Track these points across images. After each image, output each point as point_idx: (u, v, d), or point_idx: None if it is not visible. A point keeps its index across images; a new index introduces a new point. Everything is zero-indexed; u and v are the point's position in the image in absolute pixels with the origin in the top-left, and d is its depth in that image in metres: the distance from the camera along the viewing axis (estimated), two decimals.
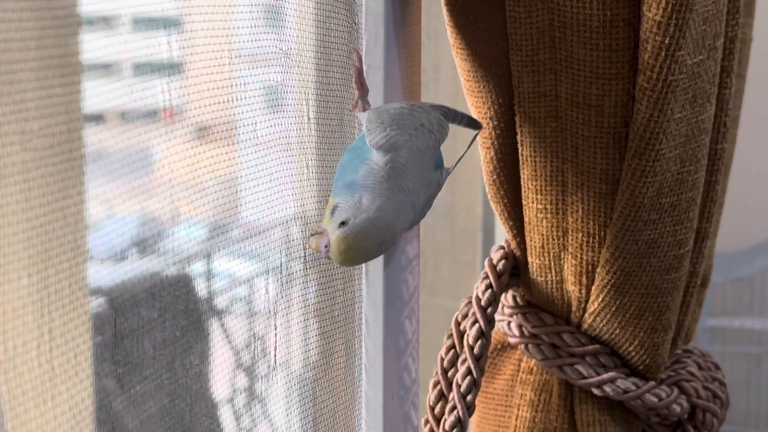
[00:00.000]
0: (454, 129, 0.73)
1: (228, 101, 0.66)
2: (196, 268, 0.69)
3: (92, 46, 0.58)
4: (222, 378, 0.76)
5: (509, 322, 0.87)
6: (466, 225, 1.38)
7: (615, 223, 0.77)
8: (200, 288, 0.71)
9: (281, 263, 0.73)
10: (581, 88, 0.74)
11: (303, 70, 0.68)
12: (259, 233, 0.72)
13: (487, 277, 0.83)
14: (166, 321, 0.65)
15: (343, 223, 0.60)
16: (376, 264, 0.73)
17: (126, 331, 0.61)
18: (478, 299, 0.83)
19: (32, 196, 0.53)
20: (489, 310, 0.83)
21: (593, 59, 0.73)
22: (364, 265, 0.74)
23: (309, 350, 0.75)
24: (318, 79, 0.69)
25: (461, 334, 0.83)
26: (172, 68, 0.62)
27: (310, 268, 0.72)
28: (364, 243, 0.61)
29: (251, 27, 0.66)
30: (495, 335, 0.89)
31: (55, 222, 0.55)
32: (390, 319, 0.76)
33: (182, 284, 0.67)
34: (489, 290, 0.83)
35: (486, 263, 0.84)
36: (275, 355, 0.72)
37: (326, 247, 0.60)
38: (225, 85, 0.65)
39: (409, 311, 0.78)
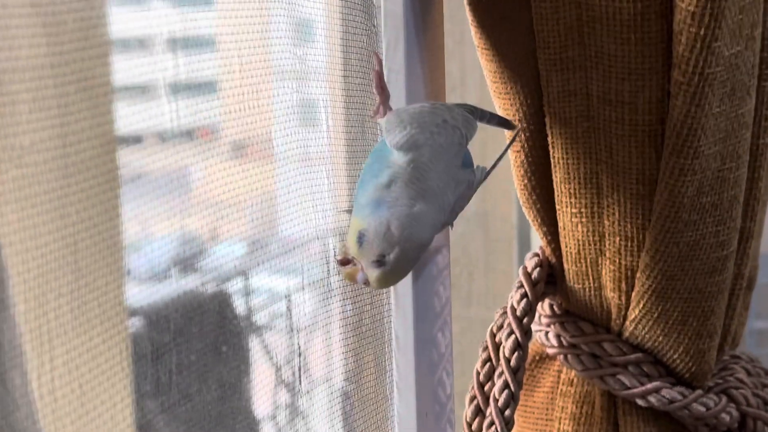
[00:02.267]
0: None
1: (264, 118, 0.66)
2: (236, 285, 0.69)
3: (127, 66, 0.58)
4: (262, 395, 0.75)
5: (547, 332, 0.83)
6: (500, 233, 1.35)
7: (654, 226, 0.73)
8: (239, 305, 0.71)
9: (320, 277, 0.72)
10: (613, 85, 0.71)
11: (324, 78, 0.66)
12: (297, 247, 0.72)
13: (521, 286, 0.80)
14: (206, 339, 0.64)
15: (378, 261, 0.58)
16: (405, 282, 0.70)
17: (165, 349, 0.61)
18: (514, 309, 0.80)
19: (68, 215, 0.53)
20: (525, 320, 0.79)
21: (625, 54, 0.69)
22: None
23: (336, 368, 0.72)
24: (338, 86, 0.67)
25: (497, 347, 0.80)
26: (207, 87, 0.62)
27: (334, 281, 0.69)
28: (402, 272, 0.60)
29: (284, 42, 0.66)
30: (533, 346, 0.86)
31: (92, 243, 0.54)
32: (422, 332, 0.73)
33: (221, 301, 0.67)
34: (524, 300, 0.80)
35: (520, 272, 0.81)
36: (300, 375, 0.70)
37: (365, 282, 0.60)
38: (260, 102, 0.65)
39: (441, 323, 0.75)
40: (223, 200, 0.64)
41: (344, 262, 0.60)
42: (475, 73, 1.13)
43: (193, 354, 0.63)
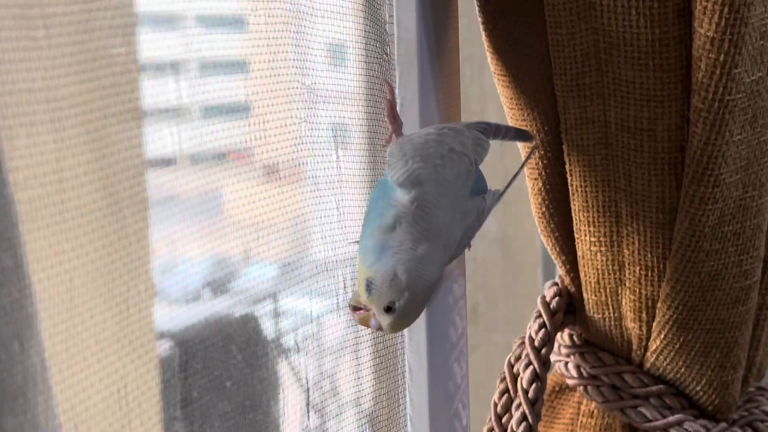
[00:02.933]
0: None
1: (295, 141, 0.66)
2: (266, 307, 0.69)
3: (160, 90, 0.58)
4: (293, 418, 0.74)
5: (566, 363, 0.82)
6: (524, 257, 1.33)
7: (674, 255, 0.71)
8: (269, 327, 0.70)
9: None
10: (632, 112, 0.69)
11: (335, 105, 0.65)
12: (327, 270, 0.72)
13: (540, 315, 0.79)
14: (235, 361, 0.64)
15: (388, 309, 0.58)
16: None
17: (193, 372, 0.61)
18: (532, 340, 0.78)
19: (97, 239, 0.53)
20: (543, 351, 0.78)
21: (643, 81, 0.68)
22: None
23: (347, 401, 0.71)
24: (352, 114, 0.66)
25: (515, 377, 0.78)
26: (239, 110, 0.62)
27: (344, 313, 0.68)
28: (413, 316, 0.60)
29: (316, 65, 0.66)
30: (552, 377, 0.84)
31: (121, 265, 0.55)
32: (437, 363, 0.72)
33: (251, 324, 0.67)
34: (543, 330, 0.78)
35: (539, 301, 0.79)
36: (308, 411, 0.69)
37: (378, 328, 0.59)
38: (292, 124, 0.65)
39: (458, 354, 0.74)
40: (255, 222, 0.64)
41: (356, 308, 0.59)
42: (495, 100, 1.11)
43: (221, 377, 0.63)
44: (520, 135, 0.71)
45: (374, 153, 0.67)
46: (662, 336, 0.75)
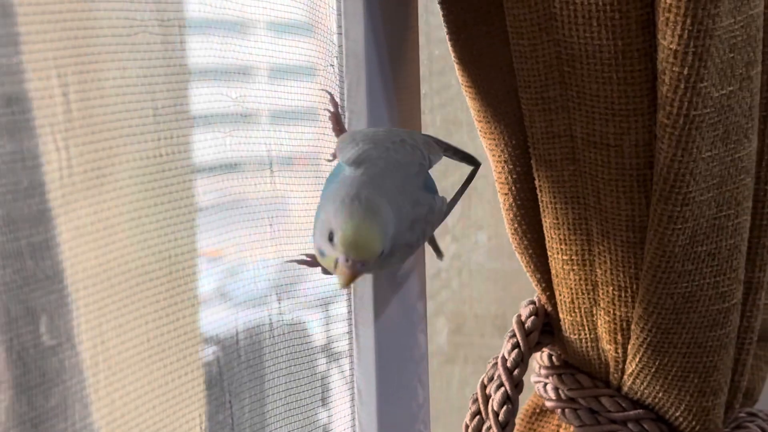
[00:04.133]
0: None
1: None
2: (322, 311, 0.69)
3: (228, 95, 0.58)
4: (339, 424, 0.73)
5: (545, 384, 0.79)
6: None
7: (645, 275, 0.68)
8: (320, 333, 0.70)
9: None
10: (597, 126, 0.67)
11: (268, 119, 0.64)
12: None
13: (514, 335, 0.76)
14: (284, 366, 0.64)
15: (331, 235, 0.53)
16: (367, 329, 0.67)
17: (239, 378, 0.61)
18: (504, 360, 0.76)
19: (144, 240, 0.53)
20: (516, 372, 0.75)
21: (607, 94, 0.65)
22: (353, 326, 0.68)
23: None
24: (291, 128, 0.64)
25: (486, 399, 0.76)
26: (306, 115, 0.63)
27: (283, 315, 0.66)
28: (365, 220, 0.54)
29: (313, 70, 0.66)
30: (533, 398, 0.82)
31: (168, 271, 0.55)
32: (397, 383, 0.70)
33: (305, 328, 0.67)
34: (516, 350, 0.76)
35: (513, 320, 0.77)
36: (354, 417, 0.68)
37: (346, 260, 0.53)
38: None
39: (421, 372, 0.72)
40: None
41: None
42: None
43: (268, 382, 0.63)
44: (465, 157, 0.69)
45: (318, 168, 0.66)
46: (638, 359, 0.72)
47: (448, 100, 1.05)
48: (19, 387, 0.47)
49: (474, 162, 0.70)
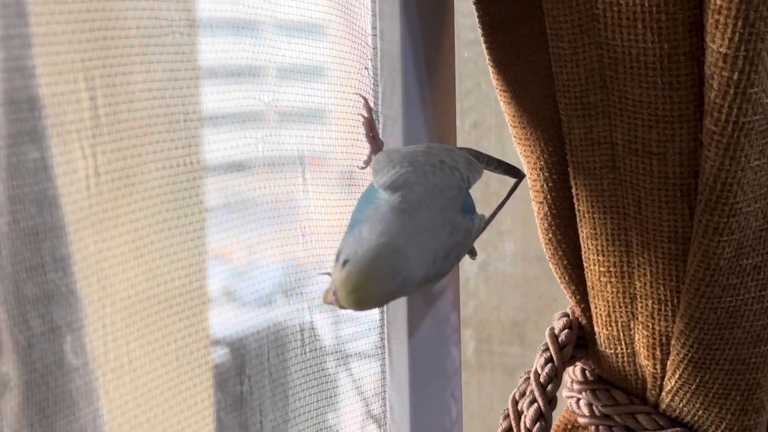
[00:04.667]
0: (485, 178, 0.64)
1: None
2: (332, 313, 0.68)
3: (238, 95, 0.57)
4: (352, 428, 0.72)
5: (578, 399, 0.76)
6: None
7: (688, 289, 0.66)
8: (329, 334, 0.69)
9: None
10: (639, 133, 0.64)
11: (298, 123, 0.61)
12: None
13: (547, 349, 0.73)
14: (293, 369, 0.63)
15: (345, 262, 0.50)
16: (400, 342, 0.64)
17: (249, 379, 0.59)
18: (537, 375, 0.73)
19: (152, 242, 0.52)
20: (549, 387, 0.72)
21: (651, 100, 0.62)
22: (386, 339, 0.65)
23: None
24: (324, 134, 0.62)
25: (518, 415, 0.73)
26: (317, 116, 0.61)
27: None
28: (373, 276, 0.50)
29: (347, 72, 0.64)
30: (565, 413, 0.79)
31: (175, 270, 0.54)
32: (430, 396, 0.67)
33: (313, 330, 0.65)
34: (549, 364, 0.73)
35: (547, 333, 0.74)
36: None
37: (335, 294, 0.50)
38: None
39: (453, 387, 0.69)
40: (329, 228, 0.63)
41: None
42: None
43: (278, 385, 0.62)
44: (509, 170, 0.66)
45: (351, 176, 0.63)
46: (677, 375, 0.69)
47: (477, 104, 1.02)
48: (27, 385, 0.46)
49: (518, 174, 0.67)
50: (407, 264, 0.51)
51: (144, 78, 0.47)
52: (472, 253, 0.71)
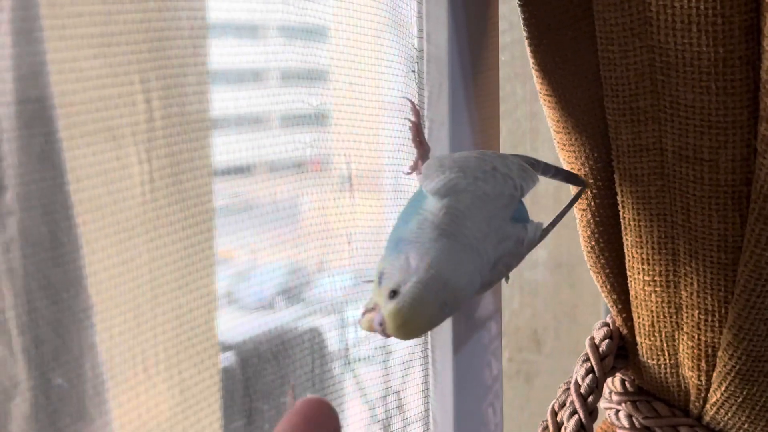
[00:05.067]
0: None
1: (374, 150, 0.64)
2: (337, 316, 0.67)
3: (241, 96, 0.56)
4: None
5: (617, 411, 0.74)
6: (585, 285, 1.26)
7: (737, 299, 0.64)
8: (335, 338, 0.68)
9: None
10: (691, 139, 0.62)
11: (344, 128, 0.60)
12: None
13: (588, 359, 0.72)
14: (299, 373, 0.63)
15: (393, 293, 0.49)
16: (444, 349, 0.62)
17: (256, 384, 0.59)
18: (578, 386, 0.71)
19: (160, 246, 0.51)
20: (590, 399, 0.71)
21: (704, 105, 0.61)
22: (430, 349, 0.63)
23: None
24: (366, 138, 0.60)
25: (558, 427, 0.71)
26: (319, 118, 0.61)
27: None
28: (422, 311, 0.49)
29: (394, 76, 0.63)
30: (602, 424, 0.77)
31: (186, 274, 0.53)
32: (468, 408, 0.65)
33: (316, 334, 0.65)
34: (590, 375, 0.71)
35: (587, 343, 0.72)
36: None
37: (381, 324, 0.50)
38: (370, 135, 0.63)
39: (492, 398, 0.67)
40: (331, 231, 0.63)
41: (367, 310, 0.51)
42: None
43: (284, 388, 0.61)
44: (570, 178, 0.64)
45: (396, 185, 0.61)
46: (723, 387, 0.67)
47: (512, 109, 1.00)
48: (36, 391, 0.45)
49: (580, 182, 0.65)
50: (454, 294, 0.51)
51: (197, 80, 0.45)
52: (506, 277, 0.70)
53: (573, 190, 0.70)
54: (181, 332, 0.52)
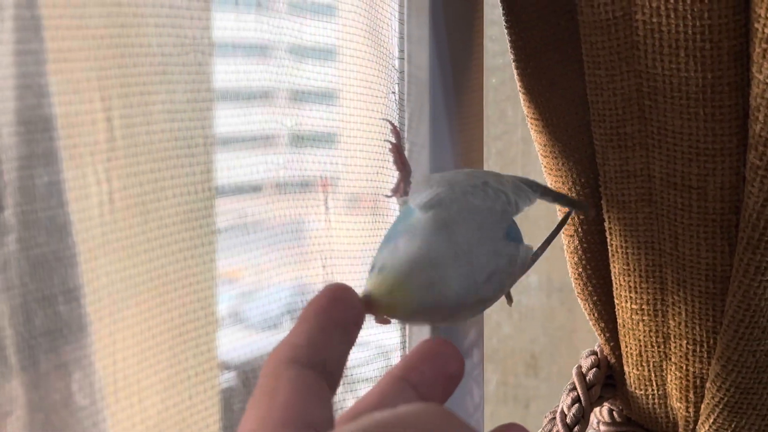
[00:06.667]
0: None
1: (380, 171, 0.63)
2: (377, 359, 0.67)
3: (252, 118, 0.56)
4: None
5: None
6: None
7: (726, 330, 0.62)
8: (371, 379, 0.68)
9: None
10: (679, 166, 0.61)
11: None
12: None
13: (574, 388, 0.70)
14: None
15: (379, 268, 0.47)
16: None
17: None
18: (563, 415, 0.70)
19: (163, 266, 0.51)
20: (576, 429, 0.69)
21: (692, 132, 0.59)
22: None
23: None
24: (347, 160, 0.59)
25: None
26: (327, 139, 0.60)
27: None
28: (410, 281, 0.47)
29: (375, 98, 0.62)
30: None
31: (185, 293, 0.52)
32: None
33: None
34: (576, 405, 0.70)
35: (574, 372, 0.71)
36: None
37: (367, 304, 0.46)
38: (377, 155, 0.63)
39: (474, 424, 0.66)
40: (337, 251, 0.62)
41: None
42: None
43: None
44: (572, 202, 0.62)
45: (376, 204, 0.60)
46: (712, 419, 0.66)
47: (503, 133, 0.99)
48: (35, 407, 0.44)
49: (582, 207, 0.64)
50: (443, 279, 0.48)
51: (162, 99, 0.44)
52: (509, 299, 0.68)
53: (560, 214, 0.68)
54: (179, 352, 0.52)
